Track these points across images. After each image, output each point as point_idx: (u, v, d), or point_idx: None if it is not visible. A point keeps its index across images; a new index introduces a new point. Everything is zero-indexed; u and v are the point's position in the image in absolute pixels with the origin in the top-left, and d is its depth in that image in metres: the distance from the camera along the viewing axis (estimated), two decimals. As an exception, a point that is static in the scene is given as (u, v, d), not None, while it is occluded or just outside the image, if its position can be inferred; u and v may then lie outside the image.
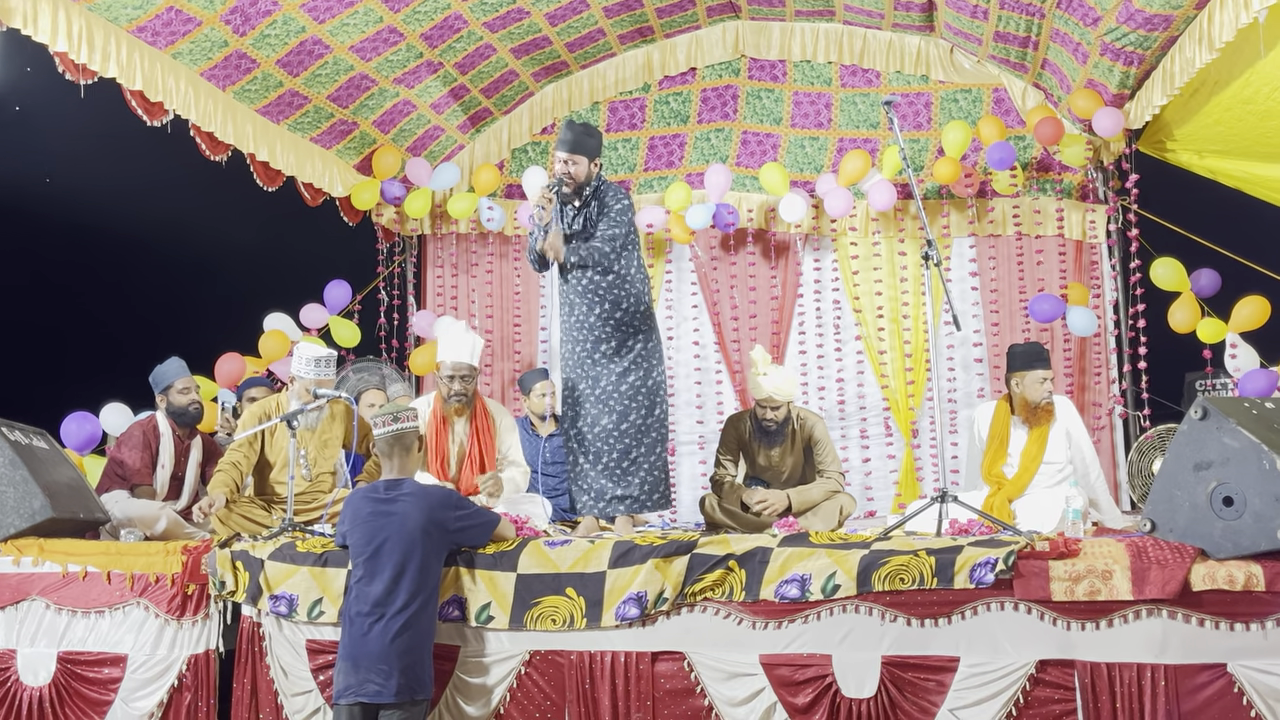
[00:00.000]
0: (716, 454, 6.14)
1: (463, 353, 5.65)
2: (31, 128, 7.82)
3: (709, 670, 4.44)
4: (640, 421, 5.42)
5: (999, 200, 7.83)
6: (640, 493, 5.41)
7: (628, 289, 5.42)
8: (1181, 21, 6.03)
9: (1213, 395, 5.62)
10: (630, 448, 5.40)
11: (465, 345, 5.67)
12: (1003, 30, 7.32)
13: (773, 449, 5.97)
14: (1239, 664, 4.01)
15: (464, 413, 5.71)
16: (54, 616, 4.99)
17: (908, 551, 4.32)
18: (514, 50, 7.86)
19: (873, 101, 8.11)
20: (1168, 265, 7.06)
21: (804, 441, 5.98)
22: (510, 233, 8.41)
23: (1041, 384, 5.72)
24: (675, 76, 8.44)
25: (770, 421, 5.89)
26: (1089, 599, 4.13)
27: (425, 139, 8.27)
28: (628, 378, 5.42)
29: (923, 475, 7.74)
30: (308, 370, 5.58)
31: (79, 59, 5.62)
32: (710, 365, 8.17)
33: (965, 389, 7.83)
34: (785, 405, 5.88)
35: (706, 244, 8.18)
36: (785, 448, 5.96)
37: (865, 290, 7.97)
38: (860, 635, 4.31)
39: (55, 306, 8.35)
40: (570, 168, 5.36)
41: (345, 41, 6.88)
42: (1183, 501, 4.20)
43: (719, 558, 4.47)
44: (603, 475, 5.42)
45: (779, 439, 5.95)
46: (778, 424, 5.89)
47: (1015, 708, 4.16)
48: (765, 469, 6.01)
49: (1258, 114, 6.09)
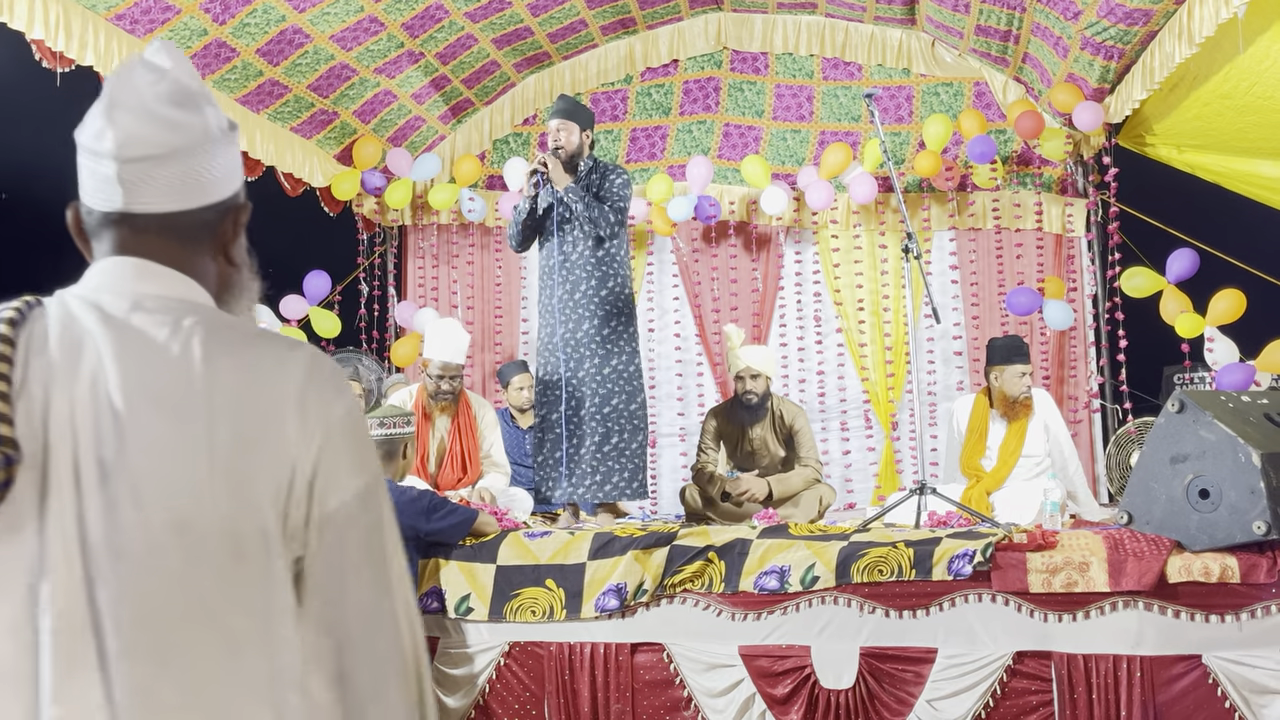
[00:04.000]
0: (698, 445, 6.15)
1: (453, 353, 5.62)
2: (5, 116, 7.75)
3: (688, 661, 4.45)
4: (623, 408, 5.38)
5: (979, 194, 7.85)
6: (621, 480, 5.37)
7: (616, 268, 5.38)
8: (1161, 16, 6.05)
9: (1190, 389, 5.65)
10: (611, 433, 5.36)
11: (456, 345, 5.63)
12: (984, 24, 7.33)
13: (753, 428, 5.97)
14: (1214, 655, 4.04)
15: (449, 409, 5.69)
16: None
17: (886, 543, 4.33)
18: (495, 41, 7.83)
19: (854, 94, 8.12)
20: (1142, 274, 7.04)
21: (786, 430, 5.99)
22: (491, 224, 8.39)
23: (1020, 378, 5.75)
24: (657, 68, 8.43)
25: (751, 394, 5.88)
26: (1066, 591, 4.16)
27: (406, 129, 8.24)
28: (610, 361, 5.37)
29: (902, 468, 7.77)
30: None
31: (56, 47, 5.57)
32: (691, 358, 8.18)
33: (945, 382, 7.86)
34: (764, 378, 5.90)
35: (688, 236, 8.18)
36: (766, 426, 5.96)
37: (846, 283, 7.99)
38: (839, 626, 4.32)
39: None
40: (561, 135, 5.35)
41: (326, 31, 6.84)
42: (1159, 494, 4.23)
43: (698, 549, 4.48)
44: (581, 460, 5.35)
45: (760, 414, 5.94)
46: (758, 397, 5.89)
47: (992, 699, 4.18)
48: (748, 454, 6.01)
49: (1236, 109, 6.12)
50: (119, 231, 1.37)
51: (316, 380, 1.34)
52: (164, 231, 1.38)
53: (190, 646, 1.24)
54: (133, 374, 1.27)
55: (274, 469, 1.29)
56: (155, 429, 1.26)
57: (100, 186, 1.37)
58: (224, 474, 1.26)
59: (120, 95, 1.39)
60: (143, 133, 1.36)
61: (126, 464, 1.24)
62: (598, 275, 5.36)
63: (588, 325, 5.36)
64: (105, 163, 1.36)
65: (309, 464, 1.31)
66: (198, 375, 1.28)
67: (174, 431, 1.26)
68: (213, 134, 1.41)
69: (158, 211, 1.37)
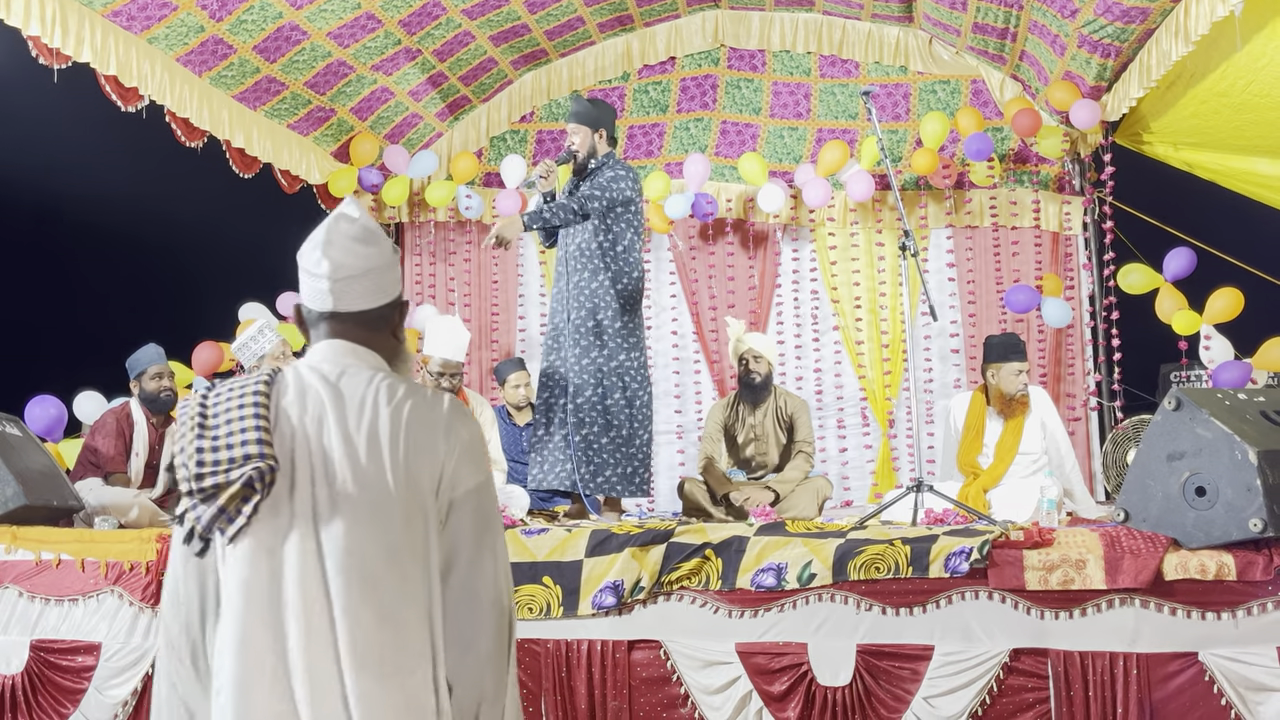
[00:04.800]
0: (702, 441, 6.15)
1: (454, 351, 5.63)
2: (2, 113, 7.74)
3: (685, 659, 4.45)
4: (625, 401, 5.39)
5: (976, 192, 7.85)
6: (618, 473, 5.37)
7: (630, 259, 5.42)
8: (1158, 14, 6.05)
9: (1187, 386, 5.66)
10: (610, 425, 5.36)
11: (457, 343, 5.64)
12: (981, 21, 7.34)
13: (756, 412, 6.00)
14: (1210, 653, 4.04)
15: None
16: (26, 604, 4.96)
17: (883, 540, 4.34)
18: (493, 38, 7.83)
19: (851, 92, 8.12)
20: (1139, 271, 7.07)
21: (788, 420, 6.02)
22: (488, 221, 8.38)
23: (1017, 376, 5.75)
24: (654, 65, 8.43)
25: (755, 374, 5.96)
26: (1063, 588, 4.16)
27: (403, 126, 8.23)
28: (617, 356, 5.40)
29: (899, 465, 7.78)
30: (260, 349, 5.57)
31: (52, 43, 5.57)
32: (689, 355, 8.18)
33: (942, 379, 7.86)
34: (765, 360, 5.98)
35: (685, 234, 8.17)
36: (769, 413, 5.99)
37: (843, 281, 7.99)
38: (835, 624, 4.33)
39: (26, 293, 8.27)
40: (575, 138, 5.46)
41: (323, 27, 6.84)
42: (1156, 491, 4.23)
43: (695, 546, 4.48)
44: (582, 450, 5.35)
45: (763, 396, 5.98)
46: (762, 377, 5.96)
47: (989, 696, 4.19)
48: (750, 442, 6.03)
49: (1233, 107, 6.13)
50: (329, 323, 2.14)
51: (452, 415, 2.11)
52: (358, 322, 2.15)
53: (380, 580, 1.99)
54: (342, 414, 2.04)
55: (430, 470, 2.05)
56: (357, 446, 2.02)
57: (316, 295, 2.14)
58: (402, 473, 2.03)
59: (330, 237, 2.13)
60: (345, 261, 2.12)
61: (340, 469, 2.01)
62: (590, 268, 5.41)
63: (601, 316, 5.40)
64: (321, 281, 2.12)
65: (449, 467, 2.07)
66: (383, 413, 2.05)
67: (369, 448, 2.02)
68: (387, 258, 2.17)
69: (354, 310, 2.14)
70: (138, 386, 5.98)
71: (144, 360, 5.99)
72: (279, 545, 1.98)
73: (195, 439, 1.99)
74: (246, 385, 2.05)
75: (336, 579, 1.97)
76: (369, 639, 1.96)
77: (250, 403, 2.01)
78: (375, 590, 1.98)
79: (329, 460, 2.00)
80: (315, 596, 1.96)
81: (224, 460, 1.96)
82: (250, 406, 2.01)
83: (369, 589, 1.97)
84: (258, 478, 1.95)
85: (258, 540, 1.98)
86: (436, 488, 2.05)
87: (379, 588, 1.98)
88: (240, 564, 1.98)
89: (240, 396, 2.03)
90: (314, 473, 2.00)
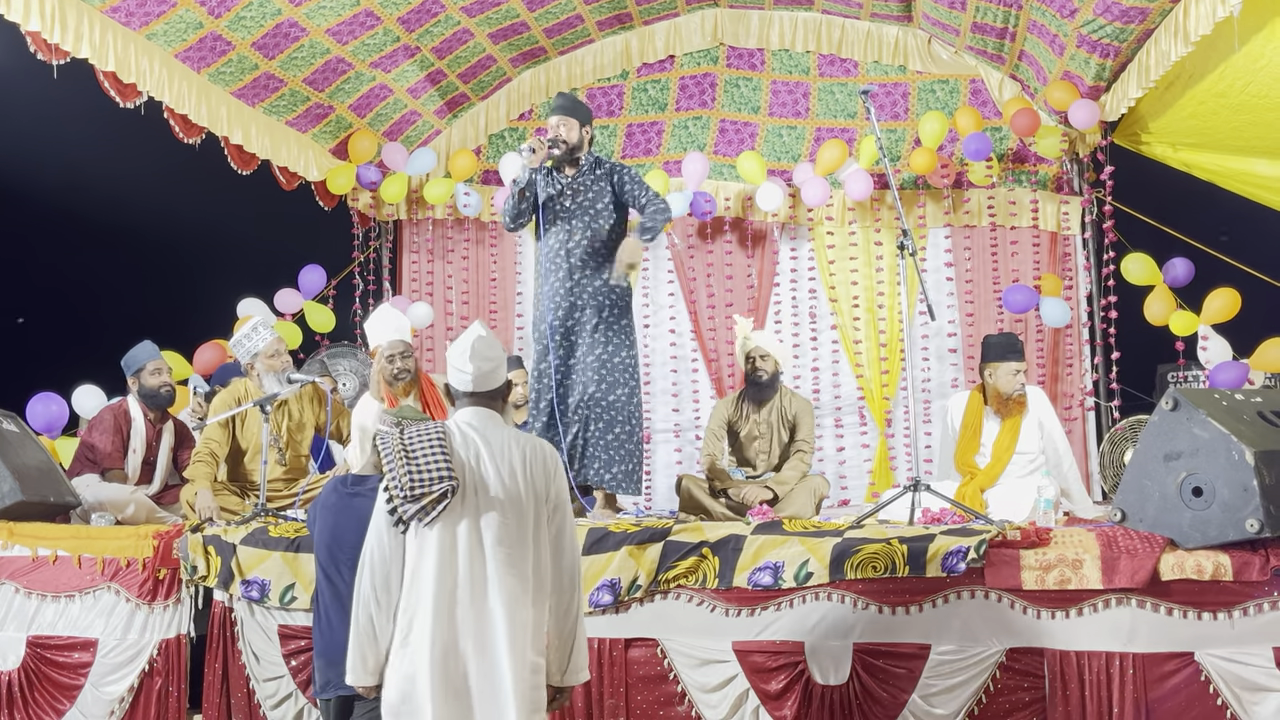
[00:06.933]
0: (706, 439, 6.14)
1: (392, 331, 5.65)
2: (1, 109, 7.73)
3: (682, 657, 4.45)
4: (625, 397, 5.42)
5: (974, 191, 7.85)
6: (623, 470, 5.39)
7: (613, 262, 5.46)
8: (1157, 14, 6.06)
9: (1184, 387, 5.66)
10: (614, 421, 5.39)
11: (395, 324, 5.67)
12: (980, 21, 7.34)
13: (761, 410, 6.00)
14: (1206, 653, 4.06)
15: (411, 389, 5.68)
16: (23, 600, 4.96)
17: (880, 540, 4.34)
18: (492, 35, 7.82)
19: (850, 91, 8.12)
20: (1139, 260, 7.10)
21: (791, 420, 6.01)
22: (487, 218, 8.38)
23: (1014, 376, 5.75)
24: (654, 64, 8.42)
25: (761, 372, 5.96)
26: (1059, 588, 4.17)
27: (402, 124, 8.23)
28: (620, 352, 5.45)
29: (896, 464, 7.78)
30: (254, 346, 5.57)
31: (51, 39, 5.56)
32: (686, 354, 8.18)
33: (939, 379, 7.87)
34: (774, 359, 5.97)
35: (684, 232, 8.17)
36: (773, 412, 5.99)
37: (841, 280, 7.99)
38: (832, 623, 4.33)
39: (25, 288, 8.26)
40: (561, 129, 5.48)
41: (321, 24, 6.83)
42: (1153, 492, 4.24)
43: (692, 545, 4.48)
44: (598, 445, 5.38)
45: (769, 394, 5.98)
46: (768, 375, 5.96)
47: (985, 695, 4.19)
48: (750, 441, 6.03)
49: (1231, 107, 6.13)
50: (471, 398, 3.39)
51: (551, 455, 3.38)
52: (487, 396, 3.41)
53: (517, 559, 3.22)
54: (491, 452, 3.28)
55: (543, 484, 3.32)
56: (501, 472, 3.26)
57: (462, 380, 3.37)
58: (528, 488, 3.28)
59: (474, 348, 3.36)
60: (481, 364, 3.37)
61: (492, 485, 3.25)
62: (592, 265, 5.43)
63: (605, 314, 5.43)
64: (467, 375, 3.37)
65: (553, 487, 3.35)
66: (514, 452, 3.30)
67: (509, 473, 3.27)
68: (501, 359, 3.43)
69: (485, 390, 3.40)
70: (136, 383, 5.96)
71: (142, 356, 5.98)
72: (455, 529, 3.21)
73: (405, 465, 3.18)
74: (432, 432, 3.26)
75: (489, 549, 3.21)
76: (507, 584, 3.19)
77: (438, 444, 3.22)
78: (510, 555, 3.21)
79: (484, 480, 3.24)
80: (477, 558, 3.20)
81: (426, 479, 3.15)
82: (438, 446, 3.22)
83: (507, 554, 3.21)
84: (449, 491, 3.16)
85: (444, 526, 3.19)
86: (546, 498, 3.31)
87: (512, 554, 3.21)
88: (433, 540, 3.20)
89: (430, 440, 3.24)
90: (476, 488, 3.23)
